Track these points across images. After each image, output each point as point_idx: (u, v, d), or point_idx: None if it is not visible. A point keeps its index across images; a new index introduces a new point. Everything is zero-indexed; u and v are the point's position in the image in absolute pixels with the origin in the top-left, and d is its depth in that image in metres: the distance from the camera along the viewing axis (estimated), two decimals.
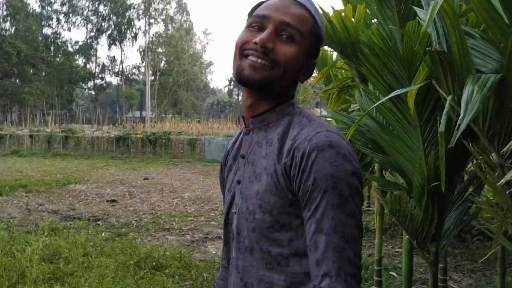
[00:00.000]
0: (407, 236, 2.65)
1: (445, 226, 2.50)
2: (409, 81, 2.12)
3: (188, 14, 65.15)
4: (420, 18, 1.81)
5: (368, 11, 3.28)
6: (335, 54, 4.63)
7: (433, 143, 2.26)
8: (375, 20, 3.47)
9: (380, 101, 1.79)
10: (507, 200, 1.15)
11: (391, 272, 4.68)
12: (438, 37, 1.51)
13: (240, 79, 1.02)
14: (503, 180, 0.91)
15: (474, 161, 1.87)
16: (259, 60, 0.99)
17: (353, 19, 3.24)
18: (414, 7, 1.86)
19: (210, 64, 80.00)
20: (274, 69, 1.00)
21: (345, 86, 3.91)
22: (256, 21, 1.03)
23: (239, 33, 1.07)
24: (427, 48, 1.42)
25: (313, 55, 1.09)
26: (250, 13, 1.08)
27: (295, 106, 1.09)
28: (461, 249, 5.54)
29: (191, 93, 67.07)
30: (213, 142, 19.52)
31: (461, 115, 1.20)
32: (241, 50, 1.03)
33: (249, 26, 1.05)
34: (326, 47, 4.15)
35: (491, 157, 1.17)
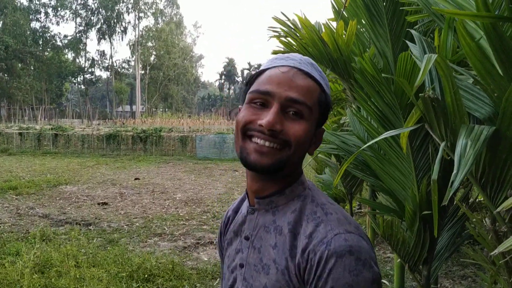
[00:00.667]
0: (398, 260, 2.66)
1: (437, 249, 2.51)
2: (401, 110, 2.12)
3: (178, 7, 64.74)
4: (412, 54, 1.80)
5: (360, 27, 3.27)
6: None
7: (425, 170, 2.27)
8: (367, 34, 3.47)
9: (377, 138, 1.78)
10: (499, 257, 1.16)
11: (382, 280, 4.70)
12: (432, 82, 1.51)
13: (246, 164, 0.94)
14: (496, 251, 0.90)
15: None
16: (267, 143, 0.91)
17: (344, 33, 3.23)
18: (407, 42, 1.85)
19: (200, 57, 79.72)
20: (285, 150, 0.92)
21: (337, 99, 3.91)
22: (258, 97, 0.94)
23: (229, 26, 0.98)
24: (420, 94, 1.42)
25: (322, 123, 1.02)
26: (249, 83, 1.00)
27: (305, 185, 1.01)
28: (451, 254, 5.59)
29: (181, 87, 66.79)
30: (205, 139, 19.49)
31: (455, 171, 1.20)
32: (244, 130, 0.94)
33: (250, 101, 0.96)
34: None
35: (484, 221, 1.18)
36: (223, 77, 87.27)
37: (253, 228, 1.02)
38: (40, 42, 56.85)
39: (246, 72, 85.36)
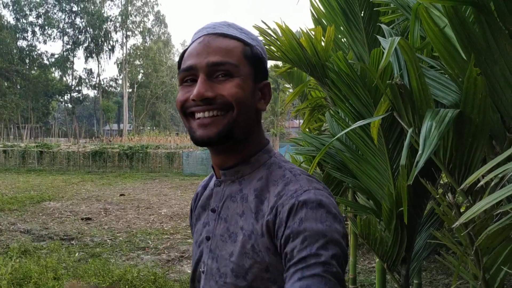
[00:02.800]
0: (377, 259, 2.66)
1: (415, 249, 2.51)
2: (375, 107, 2.14)
3: (166, 26, 65.01)
4: (383, 48, 1.83)
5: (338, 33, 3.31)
6: None
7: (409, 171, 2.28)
8: (345, 39, 3.51)
9: (347, 129, 1.79)
10: (465, 237, 1.16)
11: None
12: (400, 69, 1.52)
13: (196, 142, 0.93)
14: (457, 223, 0.90)
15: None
16: (206, 114, 0.90)
17: (323, 39, 3.27)
18: (378, 36, 1.87)
19: None
20: (228, 114, 0.91)
21: (318, 105, 3.93)
22: (186, 75, 0.94)
23: None
24: (387, 82, 1.43)
25: (261, 76, 0.98)
26: (179, 67, 0.98)
27: (272, 154, 1.00)
28: (437, 263, 5.58)
29: (169, 105, 66.68)
30: (192, 156, 19.42)
31: (420, 151, 1.21)
32: (184, 111, 0.94)
33: (181, 83, 0.95)
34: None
35: (447, 196, 1.18)
36: None
37: (219, 200, 1.01)
38: (27, 61, 56.58)
39: None
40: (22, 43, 57.26)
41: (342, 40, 3.52)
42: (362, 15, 2.85)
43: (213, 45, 0.92)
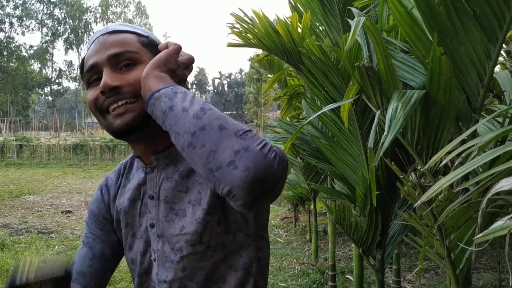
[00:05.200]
0: (352, 245, 2.67)
1: (390, 233, 2.53)
2: (345, 93, 2.14)
3: (147, 17, 64.30)
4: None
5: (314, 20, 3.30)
6: None
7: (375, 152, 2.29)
8: (321, 26, 3.50)
9: (318, 113, 1.79)
10: (429, 217, 1.16)
11: (347, 276, 4.72)
12: (369, 51, 1.52)
13: (116, 133, 0.94)
14: (419, 202, 0.90)
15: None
16: (119, 103, 0.91)
17: (299, 26, 3.26)
18: (348, 20, 1.86)
19: None
20: (139, 99, 0.91)
21: (296, 93, 3.92)
22: (90, 76, 0.96)
23: (199, 35, 1.01)
24: (355, 64, 1.42)
25: None
26: (81, 74, 1.00)
27: None
28: (415, 249, 5.66)
29: None
30: None
31: (385, 132, 1.21)
32: (98, 110, 0.95)
33: (88, 84, 0.97)
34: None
35: (410, 176, 1.18)
36: (194, 86, 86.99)
37: (155, 185, 1.00)
38: (5, 53, 55.45)
39: (217, 81, 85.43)
40: None
41: (320, 28, 3.51)
42: (337, 0, 2.84)
43: (109, 41, 0.94)
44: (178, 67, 0.93)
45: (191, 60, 0.97)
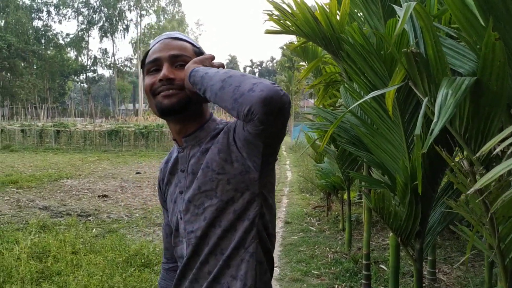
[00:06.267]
0: (391, 233, 2.65)
1: (429, 223, 2.49)
2: (391, 80, 2.10)
3: (180, 5, 64.60)
4: (399, 17, 1.79)
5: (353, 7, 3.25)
6: None
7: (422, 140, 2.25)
8: (361, 14, 3.45)
9: (360, 101, 1.77)
10: (480, 205, 1.14)
11: (381, 265, 4.69)
12: (416, 37, 1.49)
13: (162, 110, 1.22)
14: (472, 189, 0.89)
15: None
16: (170, 91, 1.20)
17: (338, 13, 3.22)
18: (394, 6, 1.83)
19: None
20: (183, 91, 1.20)
21: (333, 81, 3.89)
22: (152, 66, 1.25)
23: (231, 23, 1.25)
24: (402, 50, 1.40)
25: None
26: (143, 64, 1.30)
27: (218, 121, 1.32)
28: (451, 240, 5.57)
29: None
30: None
31: (435, 119, 1.19)
32: (152, 92, 1.24)
33: (147, 72, 1.26)
34: None
35: (462, 164, 1.16)
36: None
37: (185, 161, 1.29)
38: (43, 41, 56.96)
39: (248, 69, 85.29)
40: (37, 23, 57.70)
41: (358, 14, 3.46)
42: None
43: (172, 44, 1.26)
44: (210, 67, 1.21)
45: (220, 65, 1.23)
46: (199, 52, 1.30)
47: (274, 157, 1.20)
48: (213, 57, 1.24)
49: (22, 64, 53.24)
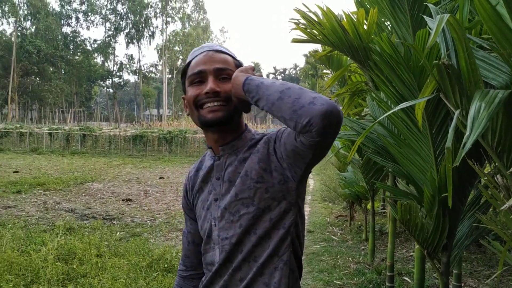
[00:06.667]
0: (418, 245, 2.61)
1: (457, 236, 2.45)
2: (419, 91, 2.08)
3: (205, 12, 65.27)
4: (430, 28, 1.78)
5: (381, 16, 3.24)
6: None
7: (445, 152, 2.22)
8: (388, 22, 3.43)
9: (390, 112, 1.77)
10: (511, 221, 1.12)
11: (404, 277, 4.62)
12: (447, 49, 1.48)
13: (206, 123, 1.27)
14: (506, 205, 0.88)
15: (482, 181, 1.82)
16: (216, 103, 1.24)
17: (365, 22, 3.21)
18: (424, 16, 1.82)
19: None
20: (229, 104, 1.25)
21: (358, 90, 3.87)
22: (196, 77, 1.29)
23: (256, 31, 1.26)
24: (434, 62, 1.39)
25: None
26: (184, 74, 1.35)
27: (253, 132, 1.37)
28: (477, 254, 5.44)
29: None
30: None
31: (467, 133, 1.18)
32: (196, 103, 1.28)
33: (191, 84, 1.30)
34: None
35: (496, 179, 1.14)
36: None
37: (221, 169, 1.32)
38: (71, 46, 58.25)
39: (271, 76, 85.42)
40: (66, 29, 59.02)
41: (385, 23, 3.44)
42: None
43: (216, 57, 1.30)
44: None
45: (260, 75, 1.28)
46: (239, 64, 1.34)
47: (311, 169, 1.23)
48: (253, 68, 1.29)
49: (51, 69, 54.57)
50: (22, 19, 53.27)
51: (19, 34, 51.55)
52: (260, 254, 1.23)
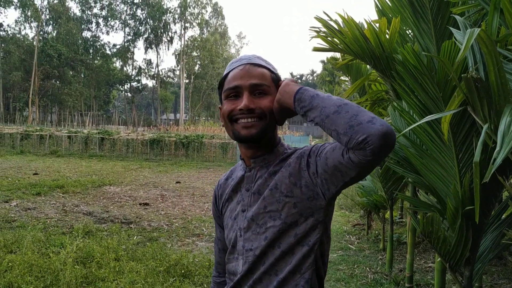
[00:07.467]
0: (439, 258, 2.58)
1: (480, 249, 2.41)
2: (444, 102, 2.06)
3: (223, 18, 65.65)
4: (456, 40, 1.76)
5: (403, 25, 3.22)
6: None
7: (469, 165, 2.19)
8: (410, 31, 3.41)
9: (415, 124, 1.75)
10: None
11: None
12: (475, 62, 1.46)
13: (240, 139, 1.29)
14: None
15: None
16: (249, 120, 1.26)
17: (387, 32, 3.19)
18: (451, 28, 1.80)
19: None
20: (262, 120, 1.27)
21: (379, 99, 3.85)
22: (231, 92, 1.29)
23: (273, 37, 1.27)
24: (462, 75, 1.38)
25: None
26: (220, 86, 1.36)
27: (286, 146, 1.39)
28: (498, 266, 5.34)
29: None
30: None
31: (497, 148, 1.16)
32: (230, 118, 1.29)
33: (226, 98, 1.31)
34: None
35: None
36: None
37: (251, 181, 1.35)
38: (91, 51, 59.04)
39: None
40: (86, 34, 59.84)
41: (407, 32, 3.42)
42: (430, 6, 2.75)
43: (253, 72, 1.29)
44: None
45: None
46: (276, 78, 1.33)
47: (344, 189, 1.23)
48: (294, 80, 1.30)
49: (71, 73, 55.39)
50: (44, 23, 54.29)
51: (40, 38, 52.48)
52: (282, 269, 1.24)
